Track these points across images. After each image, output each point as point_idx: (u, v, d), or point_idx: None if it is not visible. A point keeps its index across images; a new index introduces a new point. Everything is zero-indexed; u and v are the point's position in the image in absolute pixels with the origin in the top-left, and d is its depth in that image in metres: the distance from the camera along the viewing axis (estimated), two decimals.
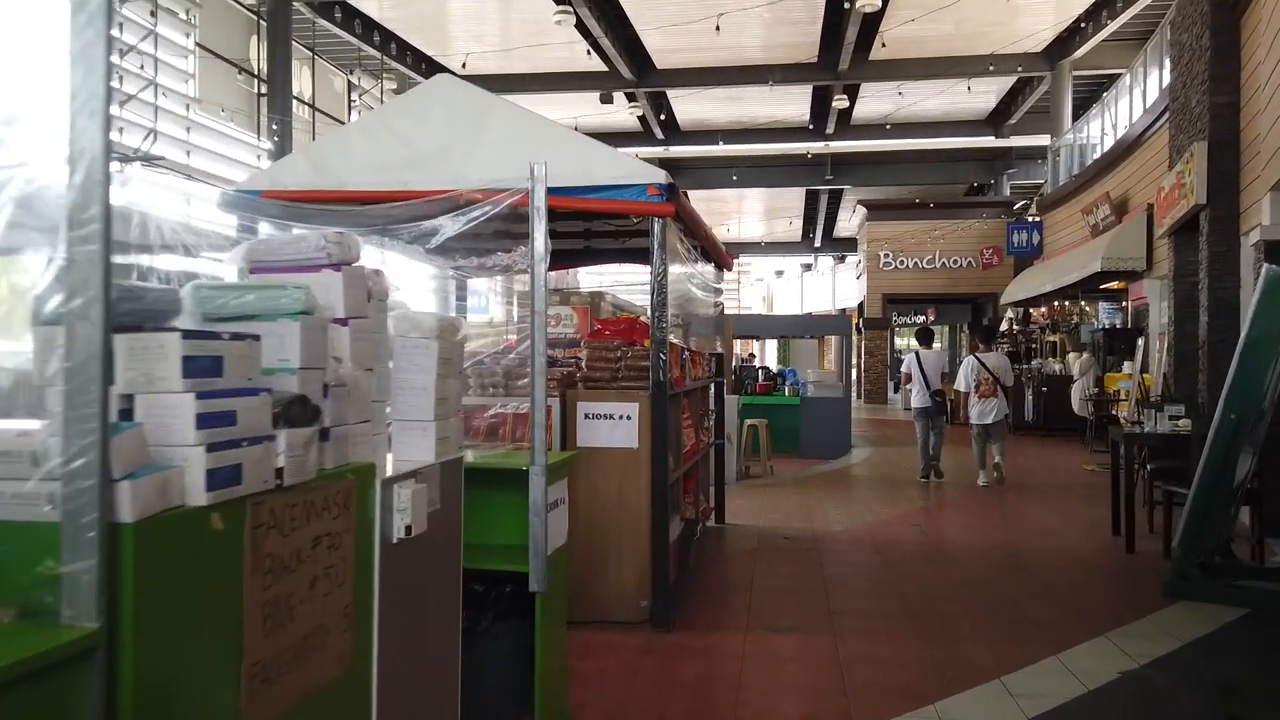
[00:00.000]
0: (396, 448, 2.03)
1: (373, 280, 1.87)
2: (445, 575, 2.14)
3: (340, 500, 1.60)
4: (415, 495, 1.83)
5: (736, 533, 6.55)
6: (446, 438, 2.09)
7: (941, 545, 6.16)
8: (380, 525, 1.76)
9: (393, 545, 1.80)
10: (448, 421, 2.10)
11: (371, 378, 1.84)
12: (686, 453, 5.40)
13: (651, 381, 4.18)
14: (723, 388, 6.93)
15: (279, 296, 1.55)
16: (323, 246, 1.74)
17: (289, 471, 1.43)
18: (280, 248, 1.79)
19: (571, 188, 4.14)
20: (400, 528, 1.79)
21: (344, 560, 1.62)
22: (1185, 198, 9.28)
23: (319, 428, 1.55)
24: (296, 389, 1.53)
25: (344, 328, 1.74)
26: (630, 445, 4.26)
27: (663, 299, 4.16)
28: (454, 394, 2.14)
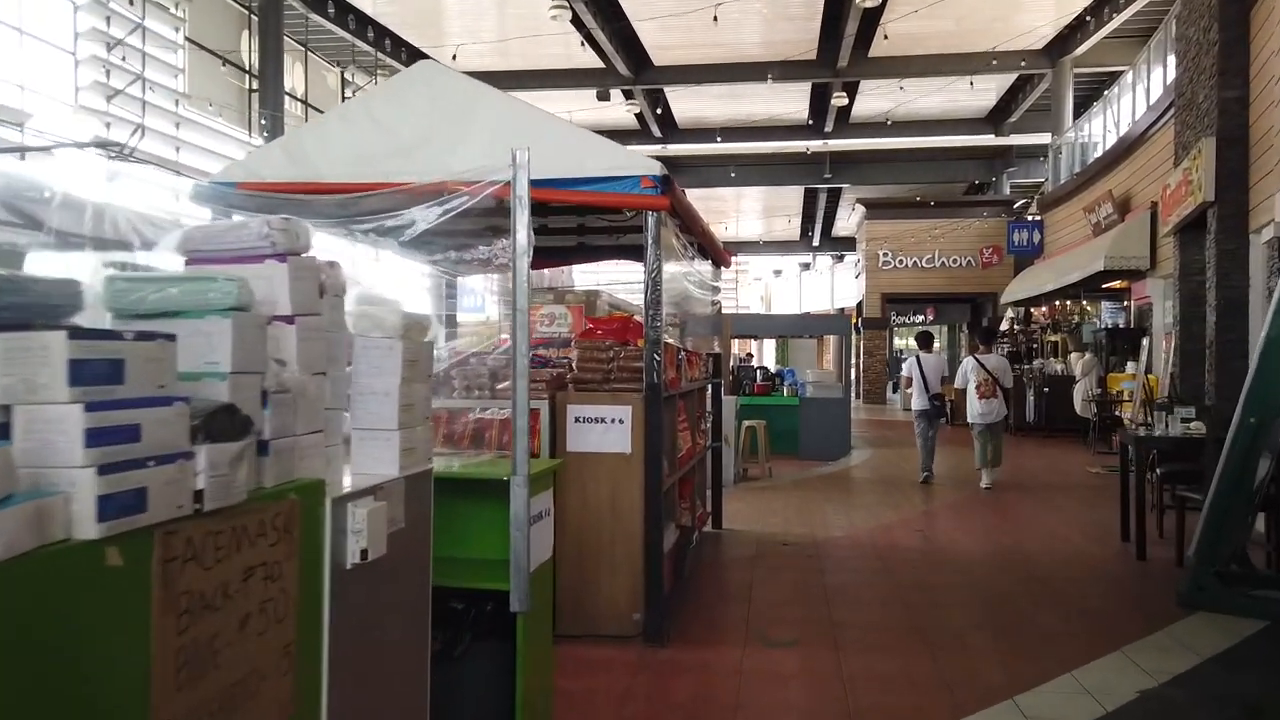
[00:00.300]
0: (356, 460, 1.83)
1: (326, 273, 1.66)
2: (411, 601, 1.94)
3: (280, 524, 1.40)
4: (372, 515, 1.62)
5: (734, 539, 6.36)
6: (413, 448, 1.88)
7: (946, 551, 5.96)
8: (331, 550, 1.56)
9: (346, 572, 1.60)
10: (414, 430, 1.89)
11: (324, 382, 1.63)
12: (682, 457, 5.20)
13: (645, 383, 3.98)
14: (720, 389, 6.73)
15: (206, 290, 1.35)
16: (266, 235, 1.54)
17: (211, 494, 1.22)
18: (218, 236, 1.58)
19: (562, 180, 3.94)
20: (355, 552, 1.59)
21: (285, 592, 1.41)
22: (1192, 195, 9.09)
23: (252, 441, 1.34)
24: (226, 397, 1.32)
25: (290, 326, 1.53)
26: (622, 450, 4.05)
27: (657, 297, 3.96)
28: (422, 400, 1.93)
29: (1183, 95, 10.20)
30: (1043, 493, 8.73)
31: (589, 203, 4.04)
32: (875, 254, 23.61)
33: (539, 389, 4.09)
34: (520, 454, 2.51)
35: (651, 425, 3.98)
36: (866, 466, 10.93)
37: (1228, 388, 8.66)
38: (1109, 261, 12.96)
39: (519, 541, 2.48)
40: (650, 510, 3.99)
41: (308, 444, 1.55)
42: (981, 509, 7.69)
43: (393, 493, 1.77)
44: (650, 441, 3.99)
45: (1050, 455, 12.04)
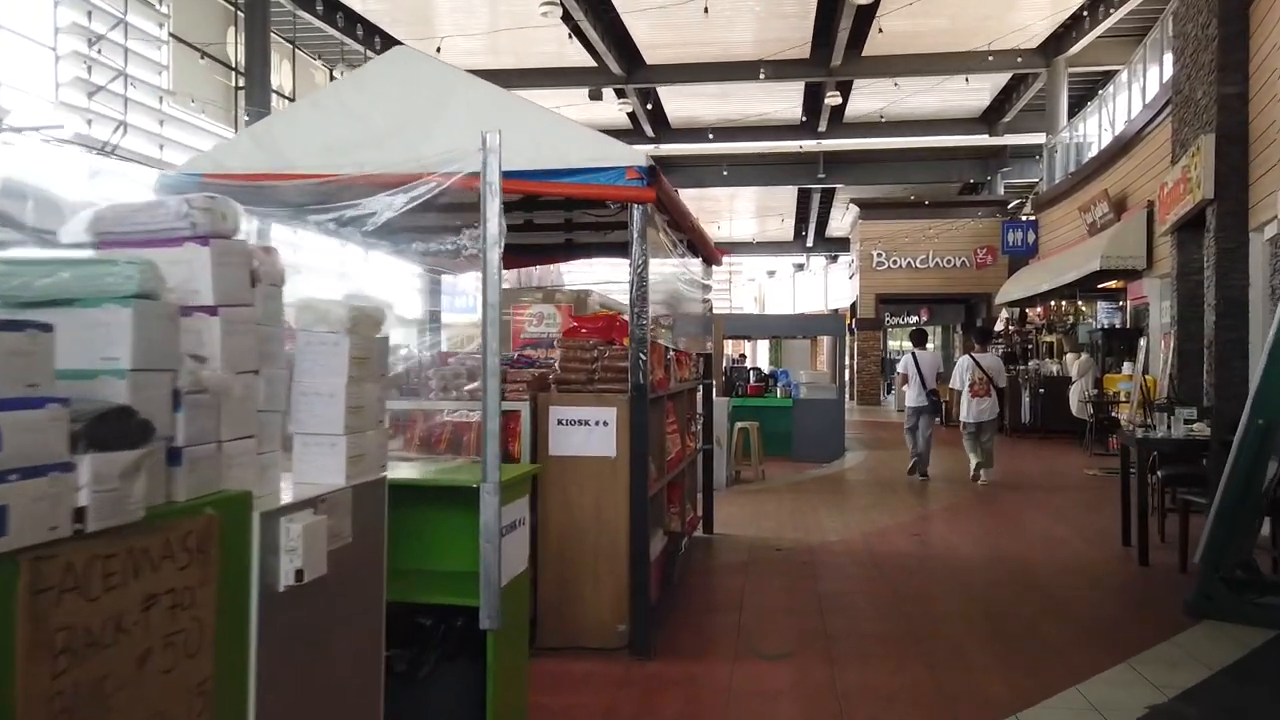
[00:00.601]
0: (299, 469, 1.64)
1: (260, 259, 1.48)
2: (361, 623, 1.75)
3: (193, 544, 1.22)
4: (309, 530, 1.44)
5: (726, 544, 6.18)
6: (362, 455, 1.70)
7: (944, 557, 5.80)
8: (260, 571, 1.38)
9: (279, 595, 1.41)
10: (364, 435, 1.71)
11: (256, 382, 1.45)
12: (671, 460, 5.02)
13: (630, 384, 3.80)
14: (711, 390, 6.55)
15: (103, 274, 1.17)
16: (185, 214, 1.36)
17: (97, 511, 1.04)
18: (131, 216, 1.39)
19: (541, 170, 3.77)
20: (289, 572, 1.41)
21: (199, 622, 1.23)
22: (1191, 193, 8.96)
23: (155, 449, 1.16)
24: (125, 397, 1.14)
25: (212, 318, 1.35)
26: (607, 454, 3.87)
27: (643, 294, 3.78)
28: (373, 401, 1.75)
29: (1180, 92, 10.08)
30: (1040, 495, 8.58)
31: (570, 194, 3.87)
32: (869, 254, 23.49)
33: (519, 390, 3.91)
34: (490, 459, 2.33)
35: (637, 428, 3.81)
36: (861, 469, 10.77)
37: (1228, 388, 8.53)
38: (1105, 261, 12.84)
39: (489, 554, 2.30)
40: (636, 517, 3.82)
41: (234, 452, 1.37)
42: (979, 512, 7.53)
43: (337, 505, 1.59)
44: (636, 445, 3.81)
45: (1047, 457, 11.90)
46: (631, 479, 3.82)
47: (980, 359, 9.31)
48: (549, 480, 3.89)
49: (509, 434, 3.86)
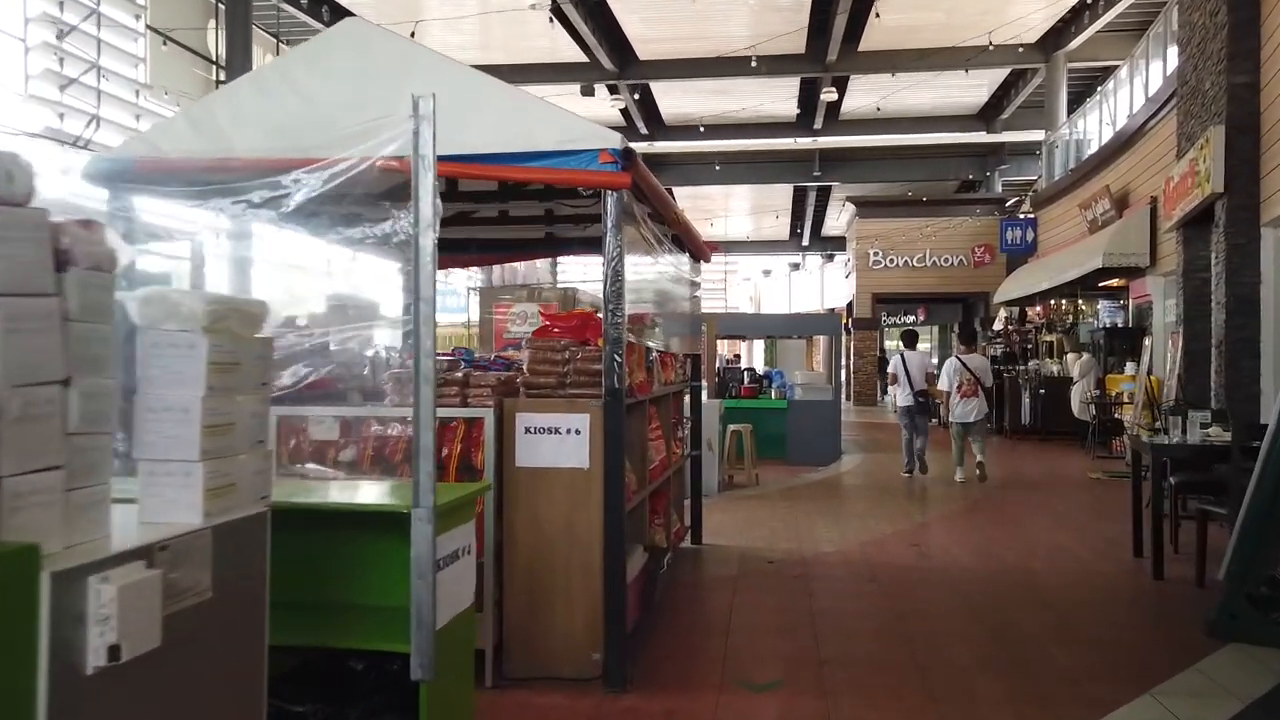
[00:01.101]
0: (145, 505, 1.30)
1: (75, 236, 1.13)
2: (225, 698, 1.41)
3: None
4: (130, 592, 1.10)
5: (714, 556, 5.84)
6: (230, 485, 1.36)
7: (945, 570, 5.46)
8: (52, 648, 1.03)
9: (85, 679, 1.07)
10: (234, 460, 1.37)
11: (67, 396, 1.11)
12: (655, 468, 4.68)
13: (604, 388, 3.45)
14: (700, 392, 6.21)
15: None
16: None
17: None
18: None
19: (505, 154, 3.43)
20: (99, 649, 1.07)
21: None
22: (1199, 186, 8.64)
23: None
24: None
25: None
26: (579, 465, 3.53)
27: (617, 289, 3.43)
28: (248, 417, 1.41)
29: (1186, 83, 9.76)
30: (1043, 501, 8.25)
31: (538, 180, 3.53)
32: (865, 253, 23.18)
33: (484, 395, 3.57)
34: (423, 481, 1.99)
35: (612, 436, 3.46)
36: (858, 472, 10.44)
37: (1238, 389, 8.22)
38: (1108, 259, 12.52)
39: (422, 592, 1.95)
40: (611, 534, 3.47)
41: (20, 490, 1.02)
42: (981, 520, 7.20)
43: (186, 551, 1.24)
44: (611, 455, 3.47)
45: (1048, 460, 11.57)
46: (606, 492, 3.47)
47: (967, 360, 9.42)
48: (516, 494, 3.55)
49: (472, 443, 3.53)
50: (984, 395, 9.28)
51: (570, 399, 3.61)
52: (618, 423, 3.46)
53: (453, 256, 6.49)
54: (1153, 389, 10.35)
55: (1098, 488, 9.10)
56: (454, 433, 3.51)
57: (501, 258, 6.61)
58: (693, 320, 6.11)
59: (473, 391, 3.57)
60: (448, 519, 2.10)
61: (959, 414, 9.26)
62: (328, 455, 3.55)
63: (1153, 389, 10.35)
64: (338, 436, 3.55)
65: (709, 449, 8.63)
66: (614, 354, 3.43)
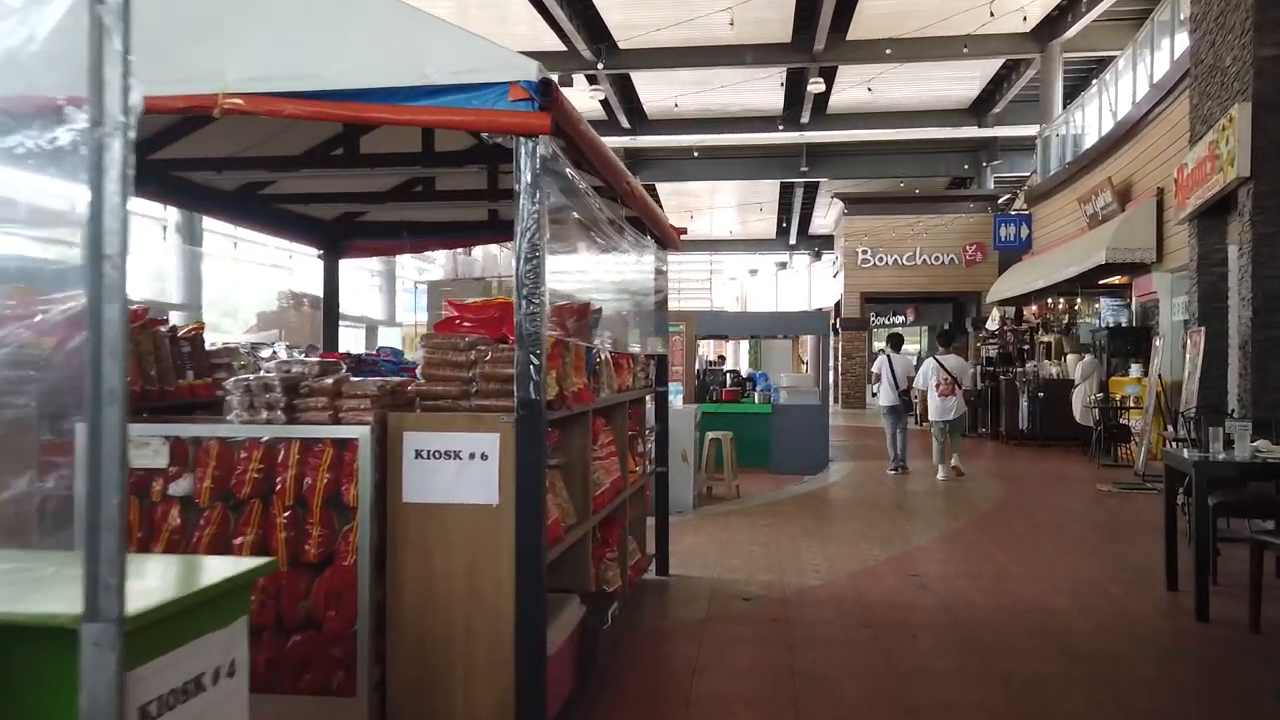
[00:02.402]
0: None
1: None
2: None
3: None
4: None
5: (682, 591, 5.00)
6: None
7: (952, 609, 4.65)
8: None
9: None
10: None
11: None
12: (603, 494, 3.85)
13: (517, 399, 2.61)
14: (665, 398, 5.38)
15: None
16: None
17: None
18: None
19: (384, 90, 2.58)
20: None
21: None
22: (1221, 171, 7.88)
23: None
24: None
25: None
26: (486, 500, 2.69)
27: (535, 269, 2.59)
28: None
29: (1202, 62, 9.01)
30: (1052, 518, 7.46)
31: (425, 123, 2.66)
32: (854, 251, 22.46)
33: (360, 408, 2.72)
34: (104, 572, 1.13)
35: (528, 462, 2.62)
36: (848, 484, 9.64)
37: (1267, 394, 7.46)
38: (1111, 254, 11.79)
39: None
40: (527, 589, 2.63)
41: None
42: (986, 543, 6.40)
43: None
44: (526, 485, 2.63)
45: (1051, 470, 10.80)
46: (520, 535, 2.63)
47: (944, 360, 9.71)
48: (403, 539, 2.70)
49: (344, 473, 2.67)
50: (961, 395, 9.63)
51: (476, 413, 2.76)
52: (536, 443, 2.62)
53: (378, 243, 5.63)
54: (1164, 393, 9.60)
55: (1109, 502, 8.32)
56: (318, 459, 2.65)
57: (441, 243, 5.75)
58: (658, 316, 5.28)
59: (347, 404, 2.72)
60: (178, 629, 1.26)
61: (937, 413, 9.60)
62: (153, 488, 2.69)
63: (1164, 393, 9.60)
64: (168, 463, 2.69)
65: (683, 461, 7.81)
66: (530, 355, 2.58)
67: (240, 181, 4.43)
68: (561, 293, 3.85)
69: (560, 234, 3.14)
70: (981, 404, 14.98)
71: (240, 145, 3.97)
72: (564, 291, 3.82)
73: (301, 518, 2.66)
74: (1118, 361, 12.46)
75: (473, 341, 2.83)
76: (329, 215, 5.02)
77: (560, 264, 3.32)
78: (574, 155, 3.20)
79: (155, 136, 3.72)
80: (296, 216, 4.83)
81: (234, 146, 3.94)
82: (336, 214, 5.17)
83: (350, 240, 5.38)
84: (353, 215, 5.25)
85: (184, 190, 4.20)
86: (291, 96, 2.61)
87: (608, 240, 3.69)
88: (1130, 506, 7.98)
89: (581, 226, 3.48)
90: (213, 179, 4.28)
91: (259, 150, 3.99)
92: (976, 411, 15.38)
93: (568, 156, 3.06)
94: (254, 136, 3.92)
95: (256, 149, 3.99)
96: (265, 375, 2.71)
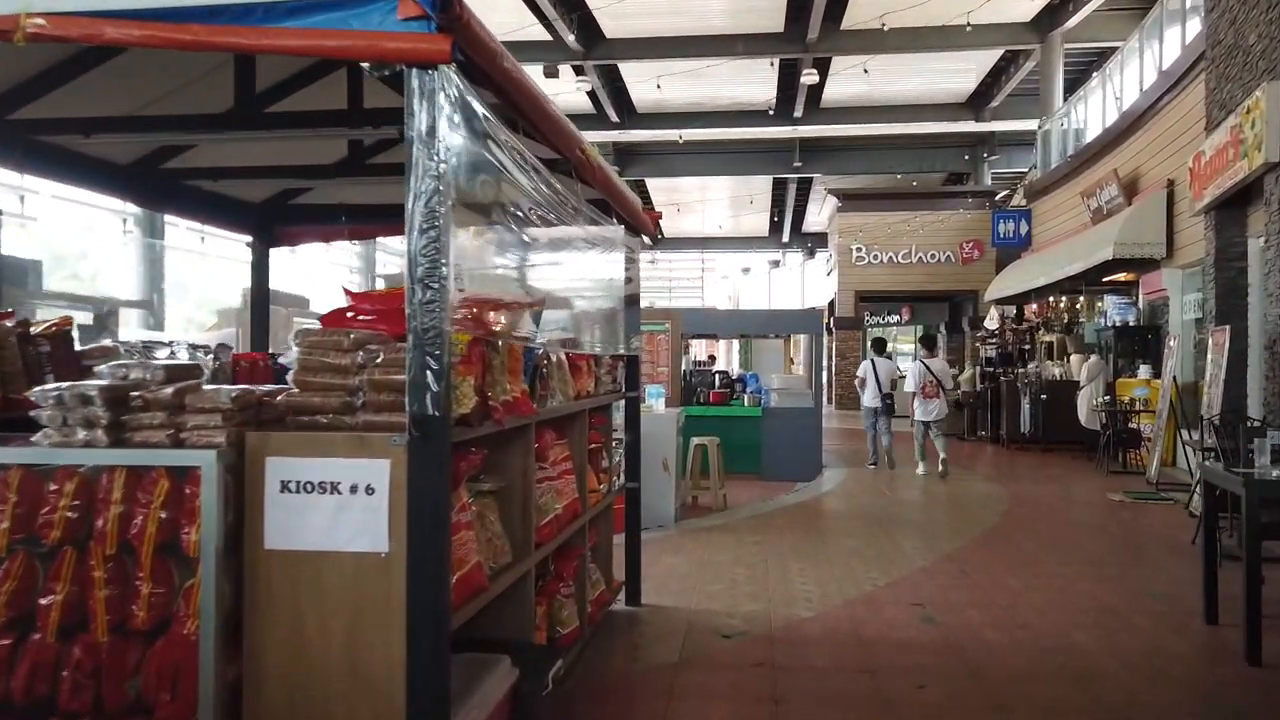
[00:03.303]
0: None
1: None
2: None
3: None
4: None
5: (654, 625, 4.38)
6: None
7: (964, 650, 4.03)
8: None
9: None
10: None
11: None
12: (551, 523, 3.22)
13: (409, 415, 1.97)
14: (636, 404, 4.75)
15: None
16: None
17: None
18: None
19: (238, 6, 1.95)
20: None
21: None
22: (1246, 156, 7.29)
23: None
24: None
25: None
26: (372, 548, 2.06)
27: (434, 244, 1.96)
28: None
29: (1220, 42, 8.43)
30: (1065, 534, 6.86)
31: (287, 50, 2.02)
32: (848, 248, 21.89)
33: (209, 426, 2.08)
34: None
35: (426, 496, 1.99)
36: (842, 493, 9.03)
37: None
38: (1119, 249, 11.21)
39: None
40: (424, 665, 1.99)
41: None
42: (997, 565, 5.79)
43: None
44: (425, 528, 1.99)
45: (1057, 477, 10.21)
46: (414, 593, 1.99)
47: (930, 364, 10.12)
48: (264, 598, 2.07)
49: (183, 512, 2.04)
50: (944, 396, 10.14)
51: (361, 433, 2.13)
52: (434, 472, 1.98)
53: (315, 228, 4.97)
54: (1179, 396, 9.02)
55: (1123, 514, 7.73)
56: (150, 493, 2.02)
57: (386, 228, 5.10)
58: (629, 312, 4.65)
59: (191, 420, 2.08)
60: None
61: (921, 413, 10.07)
62: None
63: (1179, 396, 9.02)
64: None
65: (664, 470, 7.20)
66: (426, 357, 1.95)
67: (136, 152, 3.78)
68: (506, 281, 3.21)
69: (491, 209, 2.51)
70: (981, 406, 14.39)
71: (132, 103, 3.32)
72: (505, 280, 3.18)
73: (128, 570, 2.03)
74: (1125, 362, 11.88)
75: (361, 339, 2.19)
76: (258, 196, 4.37)
77: (492, 249, 2.69)
78: (509, 113, 2.59)
79: (13, 90, 3.09)
80: (218, 198, 4.17)
81: (123, 104, 3.30)
82: (267, 194, 4.53)
83: (283, 225, 4.72)
84: (287, 196, 4.61)
85: (60, 162, 3.54)
86: (113, 16, 1.99)
87: (558, 219, 3.05)
88: (1146, 520, 7.39)
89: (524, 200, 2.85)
90: (102, 149, 3.64)
91: (156, 109, 3.35)
92: (976, 414, 14.79)
93: (501, 116, 2.44)
94: (143, 94, 3.27)
95: (153, 108, 3.35)
96: (82, 384, 2.07)
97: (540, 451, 3.20)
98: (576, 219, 3.36)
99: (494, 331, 2.47)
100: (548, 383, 3.24)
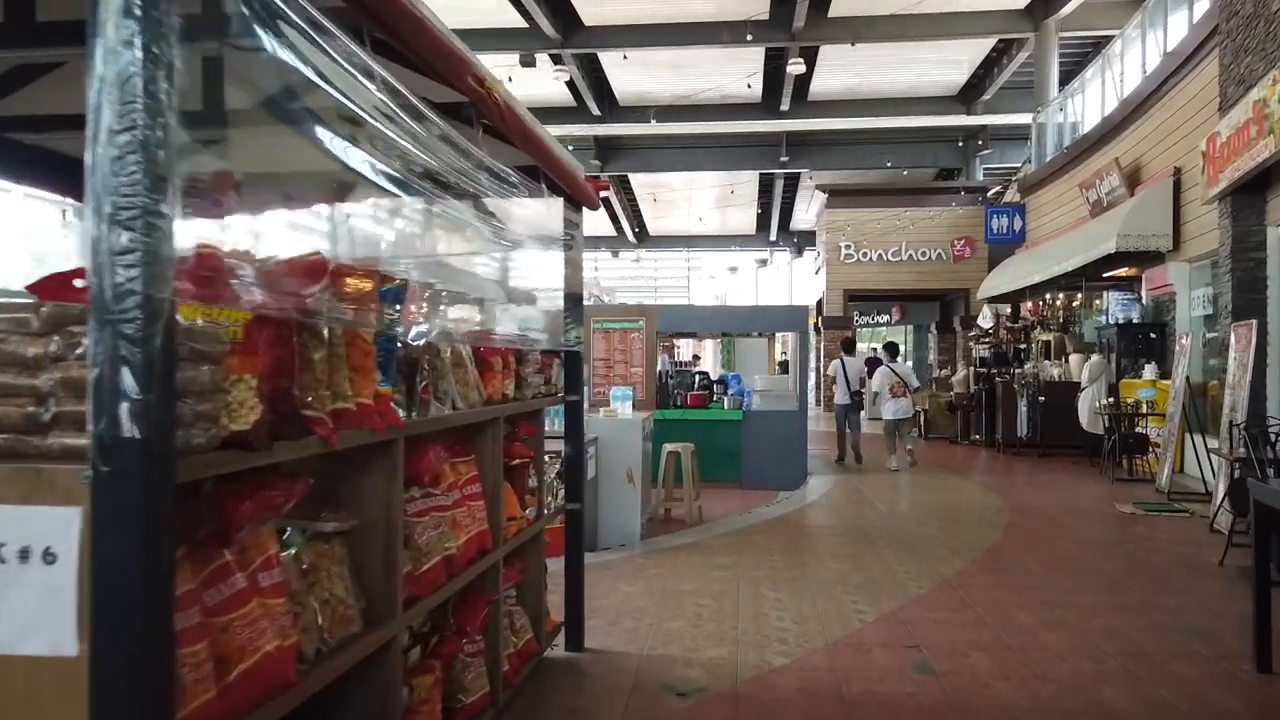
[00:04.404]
0: None
1: None
2: None
3: None
4: None
5: (594, 679, 3.62)
6: None
7: (970, 711, 3.29)
8: None
9: None
10: None
11: None
12: (440, 565, 2.47)
13: (93, 441, 1.20)
14: (578, 409, 3.99)
15: None
16: None
17: None
18: None
19: None
20: None
21: None
22: (1273, 132, 6.61)
23: None
24: None
25: None
26: (52, 649, 1.28)
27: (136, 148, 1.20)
28: None
29: (1237, 14, 7.75)
30: (1076, 555, 6.13)
31: None
32: (836, 245, 21.21)
33: None
34: None
35: (120, 569, 1.22)
36: (827, 505, 8.30)
37: None
38: (1123, 242, 10.54)
39: None
40: None
41: None
42: (1002, 593, 5.05)
43: None
44: (115, 620, 1.22)
45: (1058, 484, 9.51)
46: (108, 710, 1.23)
47: (895, 367, 10.84)
48: None
49: None
50: (910, 396, 10.80)
51: (43, 462, 1.36)
52: (140, 526, 1.22)
53: None
54: (1188, 399, 8.33)
55: (1135, 528, 7.02)
56: None
57: None
58: (569, 298, 3.90)
59: None
60: None
61: (890, 413, 10.63)
62: None
63: (1188, 399, 8.33)
64: None
65: (629, 483, 6.45)
66: (120, 341, 1.19)
67: None
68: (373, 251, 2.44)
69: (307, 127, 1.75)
70: (975, 408, 13.69)
71: None
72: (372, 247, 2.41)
73: None
74: (1128, 362, 11.21)
75: (59, 316, 1.41)
76: (78, 150, 3.57)
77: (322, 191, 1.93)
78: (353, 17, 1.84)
79: None
80: (31, 150, 3.38)
81: None
82: None
83: None
84: None
85: None
86: None
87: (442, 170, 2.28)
88: (1162, 535, 6.69)
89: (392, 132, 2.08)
90: None
91: None
92: (969, 417, 14.10)
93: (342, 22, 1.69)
94: None
95: None
96: None
97: (420, 473, 2.44)
98: (477, 176, 2.59)
99: (307, 310, 1.70)
100: (433, 385, 2.48)
